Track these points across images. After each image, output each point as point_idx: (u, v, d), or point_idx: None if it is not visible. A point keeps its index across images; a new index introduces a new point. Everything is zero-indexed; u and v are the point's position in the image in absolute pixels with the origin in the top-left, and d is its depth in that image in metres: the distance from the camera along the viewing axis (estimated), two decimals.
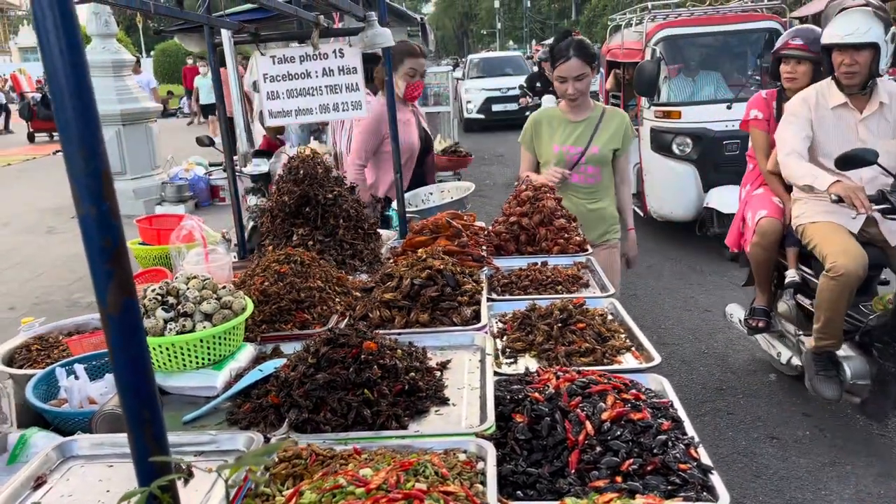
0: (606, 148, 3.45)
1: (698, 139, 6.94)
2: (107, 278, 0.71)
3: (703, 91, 7.35)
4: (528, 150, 3.66)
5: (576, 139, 3.46)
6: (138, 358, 0.75)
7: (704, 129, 6.92)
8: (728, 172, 6.60)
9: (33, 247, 8.49)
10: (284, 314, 2.13)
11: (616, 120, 3.50)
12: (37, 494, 1.38)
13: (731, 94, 7.26)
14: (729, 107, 6.83)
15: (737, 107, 6.52)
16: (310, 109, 3.12)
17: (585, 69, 3.33)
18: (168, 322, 1.78)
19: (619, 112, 3.59)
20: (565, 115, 3.52)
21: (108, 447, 1.50)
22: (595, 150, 3.44)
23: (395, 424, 1.54)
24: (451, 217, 2.74)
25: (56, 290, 6.79)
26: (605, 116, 3.49)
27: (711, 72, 7.52)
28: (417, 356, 1.80)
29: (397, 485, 1.10)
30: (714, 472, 1.31)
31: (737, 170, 5.27)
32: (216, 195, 10.40)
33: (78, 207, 0.71)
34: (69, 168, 0.70)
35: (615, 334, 2.00)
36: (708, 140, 6.90)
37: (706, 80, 7.41)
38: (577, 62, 3.30)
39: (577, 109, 3.50)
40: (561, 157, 3.46)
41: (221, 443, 1.49)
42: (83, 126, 0.69)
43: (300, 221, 2.79)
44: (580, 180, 3.48)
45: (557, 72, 3.37)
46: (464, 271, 2.30)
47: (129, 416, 0.76)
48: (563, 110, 3.54)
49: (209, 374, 1.78)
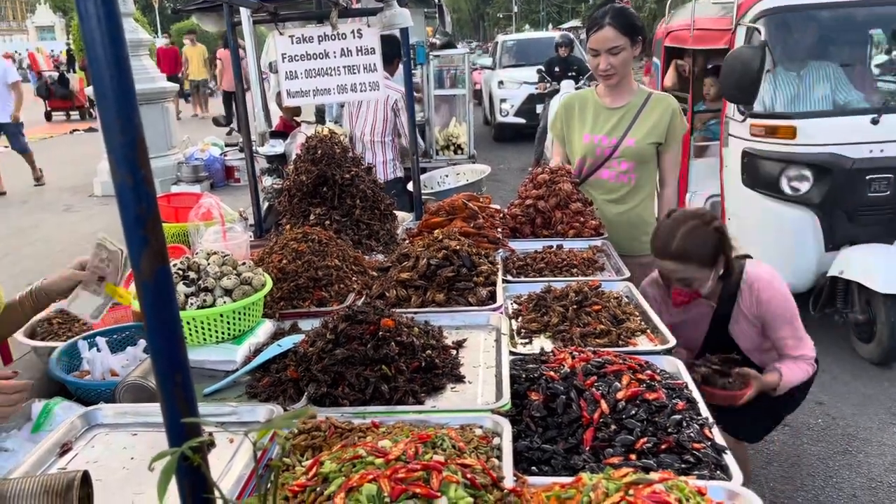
0: (645, 141, 2.90)
1: (824, 171, 4.35)
2: (141, 245, 0.73)
3: (833, 96, 4.61)
4: (559, 139, 3.16)
5: (611, 129, 2.94)
6: (170, 323, 0.77)
7: (835, 155, 4.32)
8: (872, 224, 4.38)
9: (51, 225, 8.59)
10: (302, 292, 2.16)
11: (661, 107, 2.92)
12: (63, 460, 1.41)
13: (877, 100, 4.68)
14: (875, 121, 4.30)
15: (888, 120, 4.30)
16: (328, 90, 3.12)
17: (622, 41, 2.79)
18: (189, 297, 1.81)
19: (666, 98, 2.97)
20: (601, 100, 3.00)
21: (132, 416, 1.54)
22: (630, 142, 2.90)
23: (412, 400, 1.56)
24: (468, 199, 2.75)
25: None
26: (650, 103, 2.92)
27: (845, 66, 4.77)
28: (434, 334, 1.82)
29: (416, 456, 1.12)
30: (728, 451, 1.33)
31: (888, 220, 4.23)
32: (231, 176, 10.44)
33: (114, 175, 0.72)
34: (106, 137, 0.72)
35: (630, 317, 2.01)
36: (841, 173, 4.30)
37: (837, 78, 4.65)
38: (611, 31, 2.77)
39: (616, 93, 2.96)
40: (591, 149, 2.97)
41: (242, 414, 1.51)
42: (120, 95, 0.71)
43: (317, 201, 2.81)
44: (610, 177, 2.98)
45: (590, 43, 2.86)
46: (479, 253, 2.31)
47: (161, 379, 0.78)
48: (599, 94, 3.02)
49: (229, 349, 1.81)
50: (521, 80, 13.28)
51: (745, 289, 2.42)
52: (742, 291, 2.43)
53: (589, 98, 3.05)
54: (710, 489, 1.08)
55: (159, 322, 0.76)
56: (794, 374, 2.41)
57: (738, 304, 2.45)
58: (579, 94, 3.14)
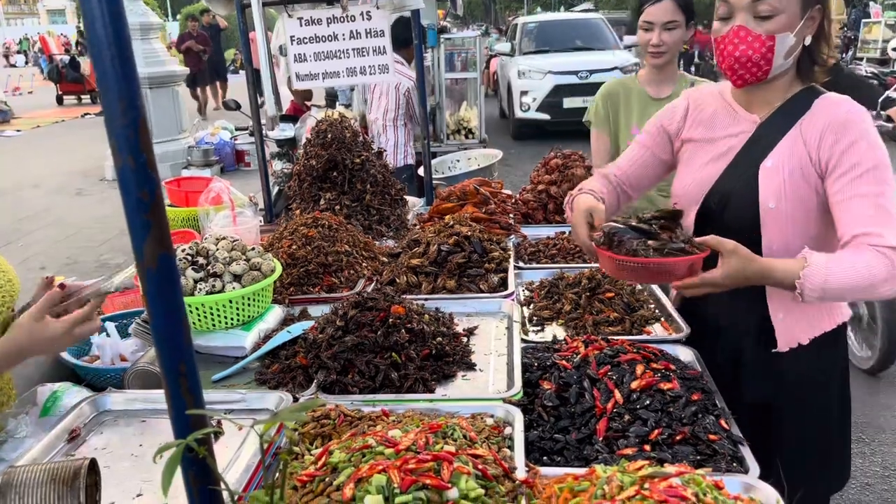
0: None
1: None
2: (144, 230, 0.70)
3: None
4: (602, 130, 2.86)
5: None
6: (175, 312, 0.75)
7: None
8: None
9: (63, 208, 8.61)
10: (312, 277, 2.14)
11: None
12: (71, 446, 1.41)
13: None
14: None
15: None
16: (337, 72, 3.09)
17: (679, 18, 2.60)
18: (198, 282, 1.80)
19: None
20: (645, 89, 2.80)
21: (141, 403, 1.53)
22: None
23: (423, 388, 1.54)
24: (479, 184, 2.71)
25: (85, 250, 6.89)
26: None
27: None
28: (444, 322, 1.80)
29: (426, 446, 1.10)
30: (745, 443, 1.30)
31: None
32: (241, 160, 10.43)
33: (116, 159, 0.70)
34: (107, 118, 0.69)
35: (644, 304, 1.98)
36: None
37: None
38: (671, 5, 2.59)
39: (660, 80, 2.78)
40: None
41: (251, 402, 1.50)
42: (121, 76, 0.68)
43: (327, 186, 2.79)
44: None
45: (644, 16, 2.66)
46: (491, 239, 2.28)
47: (166, 369, 0.76)
48: (641, 82, 2.82)
49: (238, 335, 1.80)
50: (545, 70, 11.33)
51: (819, 107, 1.63)
52: (814, 109, 1.63)
53: (632, 87, 2.84)
54: (726, 483, 1.05)
55: (163, 310, 0.74)
56: (844, 272, 1.44)
57: (799, 129, 1.63)
58: (622, 82, 2.94)
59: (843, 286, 1.45)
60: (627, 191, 1.95)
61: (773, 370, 1.74)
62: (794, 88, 1.69)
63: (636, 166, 1.94)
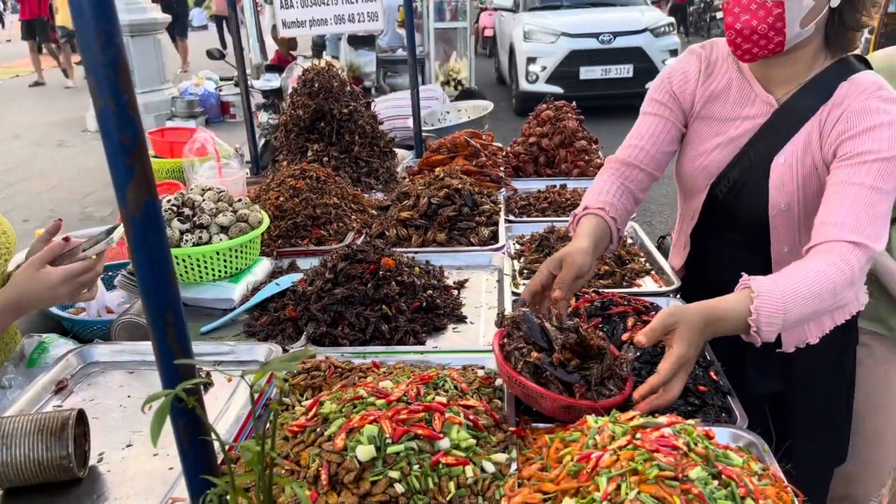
0: None
1: None
2: (127, 175, 0.68)
3: None
4: None
5: None
6: (161, 260, 0.72)
7: None
8: None
9: (45, 160, 8.45)
10: (300, 230, 2.11)
11: None
12: (58, 398, 1.39)
13: None
14: None
15: None
16: (324, 20, 3.00)
17: None
18: (184, 234, 1.77)
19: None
20: None
21: (128, 354, 1.52)
22: None
23: (413, 340, 1.54)
24: (470, 136, 2.67)
25: (69, 203, 6.79)
26: None
27: None
28: (435, 274, 1.78)
29: (417, 397, 1.10)
30: (733, 394, 1.31)
31: None
32: (226, 112, 10.23)
33: (95, 100, 0.67)
34: (85, 58, 0.66)
35: (635, 258, 1.98)
36: None
37: None
38: None
39: None
40: None
41: (240, 353, 1.49)
42: (97, 10, 0.64)
43: (315, 137, 2.74)
44: None
45: None
46: (481, 192, 2.26)
47: (152, 319, 0.74)
48: None
49: (226, 287, 1.78)
50: (557, 31, 8.87)
51: (845, 91, 1.41)
52: (838, 94, 1.42)
53: None
54: (716, 433, 1.06)
55: (148, 259, 0.72)
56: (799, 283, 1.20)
57: (819, 119, 1.43)
58: None
59: (803, 301, 1.18)
60: (653, 172, 1.65)
61: (781, 365, 1.61)
62: (821, 62, 1.44)
63: (660, 143, 1.62)
